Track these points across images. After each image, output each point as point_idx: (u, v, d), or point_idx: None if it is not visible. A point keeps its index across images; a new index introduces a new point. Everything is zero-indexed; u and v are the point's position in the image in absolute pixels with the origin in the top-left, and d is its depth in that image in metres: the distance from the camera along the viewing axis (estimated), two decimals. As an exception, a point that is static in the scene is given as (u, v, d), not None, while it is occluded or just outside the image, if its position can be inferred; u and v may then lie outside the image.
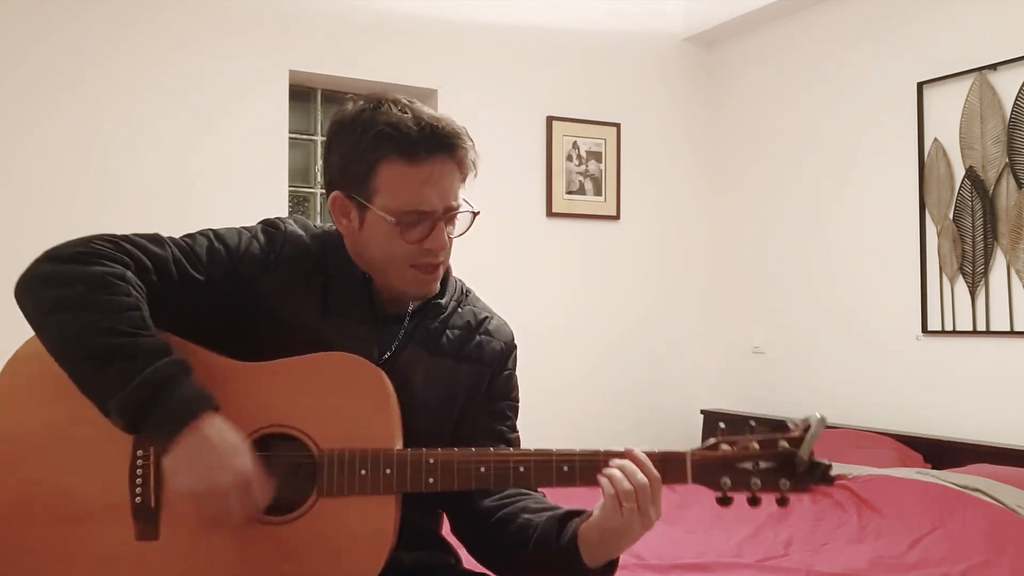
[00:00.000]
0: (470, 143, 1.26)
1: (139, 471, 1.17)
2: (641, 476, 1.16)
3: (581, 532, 1.22)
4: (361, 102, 1.26)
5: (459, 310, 1.39)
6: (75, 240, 1.21)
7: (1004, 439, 3.16)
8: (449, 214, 1.26)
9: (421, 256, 1.26)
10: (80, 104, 3.19)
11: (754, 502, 1.19)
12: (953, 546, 2.36)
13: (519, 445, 1.41)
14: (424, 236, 1.25)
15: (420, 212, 1.23)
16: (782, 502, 1.20)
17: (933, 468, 3.08)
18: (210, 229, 1.31)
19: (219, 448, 1.11)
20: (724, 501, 1.19)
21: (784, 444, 1.18)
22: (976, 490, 2.69)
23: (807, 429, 1.18)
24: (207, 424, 1.12)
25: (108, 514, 1.17)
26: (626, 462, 1.18)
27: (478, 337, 1.38)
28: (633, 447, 1.20)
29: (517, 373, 1.45)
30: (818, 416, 1.18)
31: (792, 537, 2.49)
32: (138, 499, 1.17)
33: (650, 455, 1.20)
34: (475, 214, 1.29)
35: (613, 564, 1.26)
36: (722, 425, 1.24)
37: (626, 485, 1.15)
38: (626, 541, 1.21)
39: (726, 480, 1.19)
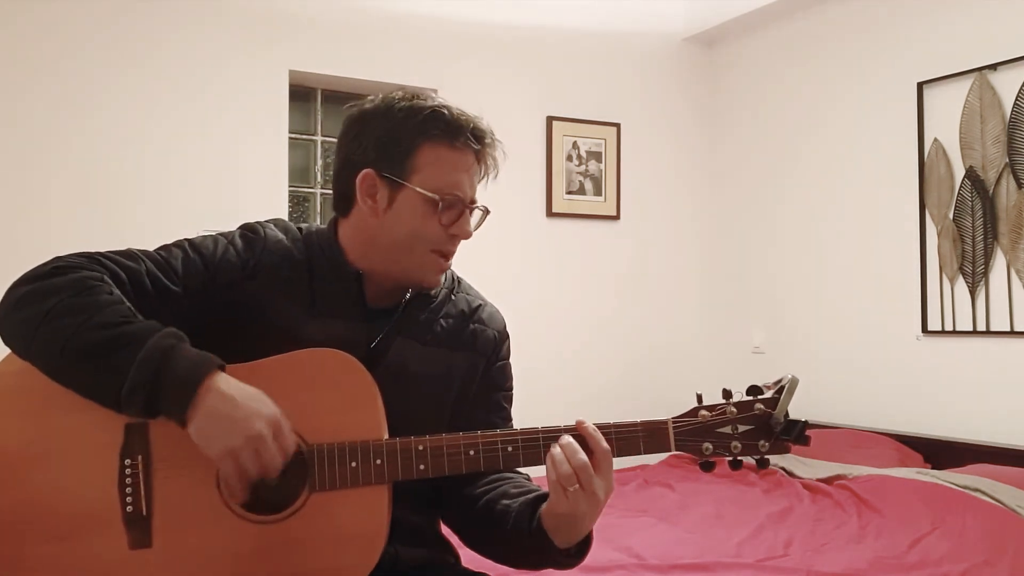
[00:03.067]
0: (499, 146, 1.33)
1: (128, 479, 1.16)
2: (581, 455, 1.16)
3: (543, 517, 1.23)
4: (397, 93, 1.31)
5: (452, 298, 1.40)
6: (46, 261, 1.20)
7: (1004, 439, 3.16)
8: (473, 206, 1.32)
9: (445, 242, 1.30)
10: (79, 104, 3.18)
11: (736, 465, 1.23)
12: (953, 546, 2.36)
13: None
14: (454, 221, 1.29)
15: (456, 196, 1.28)
16: (762, 463, 1.25)
17: (933, 468, 3.09)
18: (186, 239, 1.31)
19: (240, 400, 1.10)
20: (707, 466, 1.23)
21: (760, 406, 1.23)
22: (976, 490, 2.69)
23: (781, 390, 1.22)
24: (220, 381, 1.11)
25: (99, 525, 1.16)
26: (568, 440, 1.17)
27: (472, 326, 1.39)
28: (584, 420, 1.20)
29: (511, 362, 1.46)
30: (790, 376, 1.22)
31: (792, 537, 2.49)
32: (129, 507, 1.16)
33: (633, 425, 1.22)
34: (487, 213, 1.34)
35: (586, 542, 1.26)
36: (699, 393, 1.27)
37: (565, 468, 1.15)
38: (580, 523, 1.20)
39: (707, 446, 1.22)
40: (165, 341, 1.12)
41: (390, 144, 1.28)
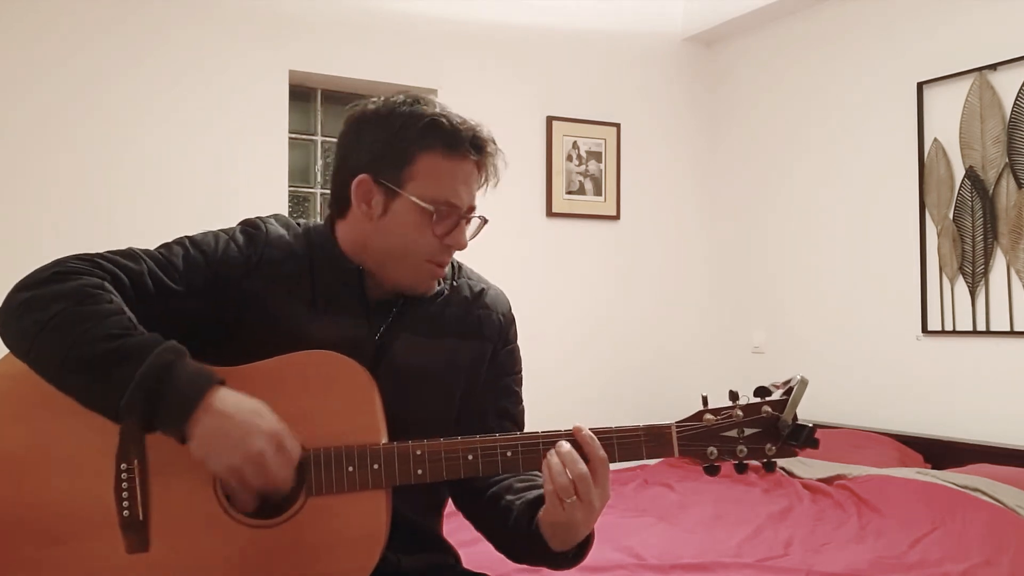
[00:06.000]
0: (500, 155, 1.31)
1: (124, 484, 1.15)
2: (580, 466, 1.15)
3: (539, 523, 1.23)
4: (399, 96, 1.29)
5: (454, 284, 1.40)
6: (46, 264, 1.19)
7: (1004, 439, 3.16)
8: (470, 214, 1.30)
9: (439, 252, 1.29)
10: (79, 104, 3.18)
11: (741, 469, 1.20)
12: (953, 546, 2.36)
13: (524, 417, 1.43)
14: (449, 231, 1.28)
15: (452, 206, 1.26)
16: (768, 467, 1.21)
17: (933, 468, 3.09)
18: (186, 236, 1.30)
19: (238, 417, 1.10)
20: (712, 470, 1.20)
21: (767, 409, 1.19)
22: (976, 490, 2.69)
23: (790, 391, 1.19)
24: (218, 399, 1.11)
25: (96, 530, 1.15)
26: (567, 449, 1.16)
27: (477, 311, 1.39)
28: (582, 426, 1.18)
29: (518, 345, 1.45)
30: (799, 378, 1.19)
31: (792, 537, 2.49)
32: (125, 512, 1.15)
33: (635, 430, 1.19)
34: (484, 222, 1.33)
35: (586, 542, 1.25)
36: (704, 395, 1.24)
37: (563, 480, 1.14)
38: (575, 531, 1.19)
39: (712, 450, 1.19)
40: (165, 357, 1.11)
41: (388, 151, 1.26)
